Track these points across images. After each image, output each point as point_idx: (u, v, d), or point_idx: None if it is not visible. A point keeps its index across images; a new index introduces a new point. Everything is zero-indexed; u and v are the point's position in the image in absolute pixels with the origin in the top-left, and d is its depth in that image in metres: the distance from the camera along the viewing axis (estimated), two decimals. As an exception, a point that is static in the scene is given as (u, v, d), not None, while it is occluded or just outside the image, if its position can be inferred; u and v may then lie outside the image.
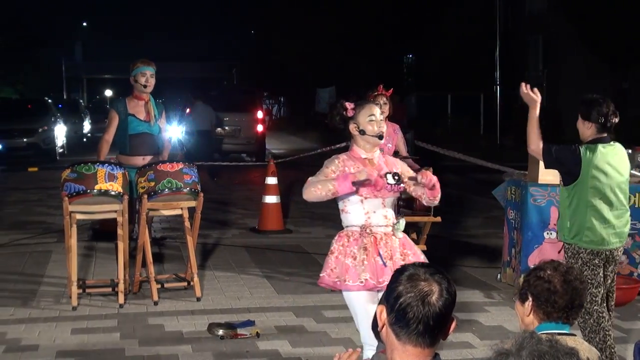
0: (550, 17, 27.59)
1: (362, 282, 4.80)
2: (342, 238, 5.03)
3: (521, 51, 29.56)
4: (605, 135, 5.56)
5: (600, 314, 5.48)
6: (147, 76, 8.00)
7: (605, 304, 5.60)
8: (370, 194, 4.96)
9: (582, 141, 5.60)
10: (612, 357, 5.46)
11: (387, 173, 5.00)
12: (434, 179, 4.94)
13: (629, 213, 5.68)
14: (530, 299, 3.51)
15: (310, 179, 4.96)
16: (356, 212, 5.00)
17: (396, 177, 5.00)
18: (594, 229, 5.50)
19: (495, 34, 26.83)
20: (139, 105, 8.06)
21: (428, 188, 4.98)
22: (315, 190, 4.86)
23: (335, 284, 4.99)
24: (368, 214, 4.99)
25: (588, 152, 5.46)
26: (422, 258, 5.05)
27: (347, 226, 5.06)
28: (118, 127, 8.01)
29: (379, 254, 4.87)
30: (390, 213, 5.07)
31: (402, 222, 5.11)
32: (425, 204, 5.25)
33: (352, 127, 5.08)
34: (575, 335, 3.49)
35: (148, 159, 7.92)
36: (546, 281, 3.49)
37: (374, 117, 5.04)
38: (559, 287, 3.47)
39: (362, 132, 5.04)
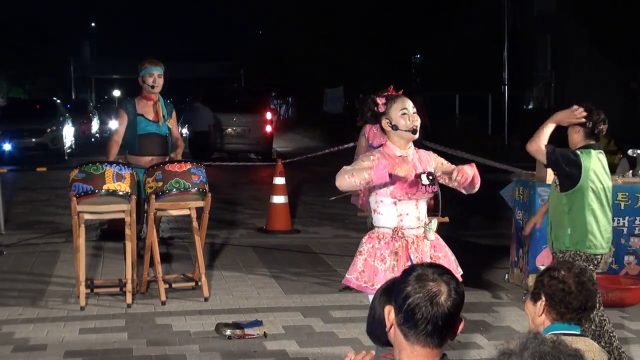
0: (559, 17, 27.53)
1: None
2: (372, 240, 4.96)
3: (529, 51, 29.50)
4: (594, 142, 5.64)
5: (602, 317, 5.50)
6: (154, 76, 8.01)
7: (602, 308, 5.62)
8: (404, 196, 4.86)
9: (572, 147, 5.66)
10: (621, 358, 5.45)
11: (422, 173, 4.88)
12: (470, 174, 4.83)
13: None
14: (543, 298, 3.49)
15: (344, 167, 4.85)
16: (389, 213, 4.91)
17: (430, 177, 4.89)
18: (594, 234, 5.54)
19: (503, 34, 26.77)
20: (147, 106, 8.07)
21: (465, 184, 4.91)
22: (349, 177, 4.72)
23: (360, 286, 4.95)
24: (401, 216, 4.90)
25: (585, 156, 5.53)
26: (453, 259, 5.00)
27: (378, 227, 4.99)
28: (127, 127, 8.03)
29: (410, 260, 4.81)
30: (423, 214, 4.99)
31: (434, 223, 5.04)
32: (464, 192, 5.14)
33: (384, 123, 4.94)
34: (586, 336, 3.46)
35: (157, 159, 7.93)
36: (560, 281, 3.47)
37: (406, 110, 4.90)
38: (574, 288, 3.45)
39: (395, 127, 4.89)
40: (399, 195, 4.85)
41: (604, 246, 5.61)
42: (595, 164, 5.58)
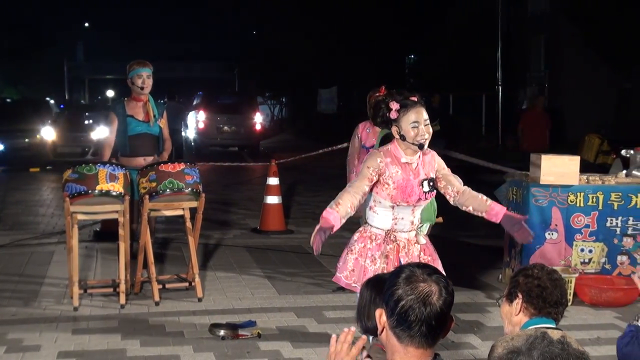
0: (552, 17, 27.56)
1: None
2: (364, 239, 4.94)
3: (523, 52, 29.52)
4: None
5: None
6: (143, 77, 8.02)
7: None
8: (403, 202, 4.87)
9: None
10: None
11: (424, 180, 4.86)
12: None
13: None
14: (520, 296, 3.57)
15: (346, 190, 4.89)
16: (384, 215, 4.89)
17: (431, 184, 4.88)
18: None
19: (497, 35, 26.79)
20: (137, 107, 8.08)
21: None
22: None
23: (349, 285, 4.96)
24: (396, 219, 4.89)
25: None
26: (439, 264, 5.01)
27: (371, 225, 4.99)
28: (118, 128, 8.04)
29: (400, 263, 4.80)
30: (417, 218, 4.99)
31: (426, 226, 5.07)
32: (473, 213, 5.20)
33: (393, 130, 4.88)
34: (562, 330, 3.50)
35: (149, 159, 7.94)
36: (536, 278, 3.57)
37: (417, 123, 4.78)
38: (549, 284, 3.56)
39: (403, 138, 4.83)
40: (398, 201, 4.84)
41: None
42: None
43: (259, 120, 27.81)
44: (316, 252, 4.71)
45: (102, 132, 21.93)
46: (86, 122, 23.63)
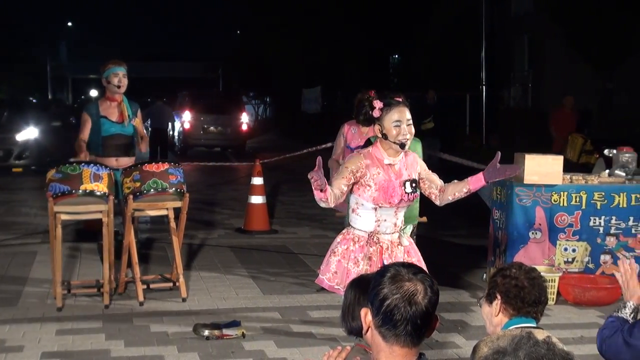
0: (536, 17, 27.65)
1: None
2: (347, 241, 4.93)
3: (507, 51, 29.61)
4: None
5: None
6: (119, 76, 7.99)
7: None
8: (386, 204, 4.87)
9: None
10: None
11: (406, 181, 4.88)
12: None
13: None
14: (499, 297, 3.58)
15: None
16: (367, 217, 4.89)
17: (413, 185, 4.89)
18: None
19: (481, 35, 26.86)
20: (111, 107, 8.05)
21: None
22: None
23: (332, 287, 4.96)
24: (378, 221, 4.89)
25: None
26: (424, 265, 5.02)
27: (354, 227, 4.98)
28: (91, 129, 8.01)
29: (382, 265, 4.81)
30: (400, 220, 4.99)
31: (409, 228, 5.08)
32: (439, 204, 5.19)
33: (376, 129, 4.90)
34: (543, 329, 3.51)
35: (121, 160, 7.93)
36: (513, 278, 3.58)
37: (399, 122, 4.79)
38: (526, 283, 3.56)
39: (385, 137, 4.84)
40: (381, 202, 4.84)
41: None
42: None
43: (245, 120, 27.73)
44: (316, 184, 4.62)
45: (29, 134, 20.64)
46: (13, 121, 20.88)
